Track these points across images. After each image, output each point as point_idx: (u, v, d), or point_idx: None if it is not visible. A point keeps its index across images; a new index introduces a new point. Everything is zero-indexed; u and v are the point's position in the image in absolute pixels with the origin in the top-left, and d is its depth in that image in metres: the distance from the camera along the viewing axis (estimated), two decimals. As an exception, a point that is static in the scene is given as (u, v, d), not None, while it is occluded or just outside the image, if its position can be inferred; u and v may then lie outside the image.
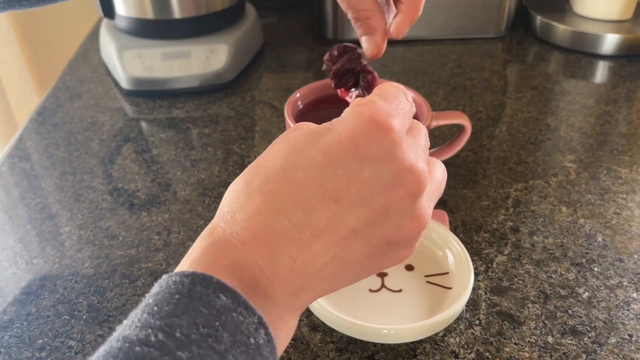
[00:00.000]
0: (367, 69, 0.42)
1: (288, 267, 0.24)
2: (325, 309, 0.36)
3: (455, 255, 0.40)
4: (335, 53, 0.42)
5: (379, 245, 0.26)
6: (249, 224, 0.24)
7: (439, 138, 0.60)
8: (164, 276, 0.23)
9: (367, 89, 0.41)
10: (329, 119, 0.27)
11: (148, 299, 0.22)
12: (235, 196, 0.26)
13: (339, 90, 0.43)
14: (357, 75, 0.42)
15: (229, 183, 0.53)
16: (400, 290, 0.39)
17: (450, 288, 0.38)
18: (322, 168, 0.25)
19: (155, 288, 0.22)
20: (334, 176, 0.25)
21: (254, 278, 0.24)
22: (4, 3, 0.39)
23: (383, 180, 0.26)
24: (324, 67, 0.43)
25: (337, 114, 0.28)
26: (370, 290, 0.39)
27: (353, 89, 0.42)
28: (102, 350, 0.20)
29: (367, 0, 0.38)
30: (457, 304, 0.36)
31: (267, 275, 0.24)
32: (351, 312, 0.36)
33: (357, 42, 0.41)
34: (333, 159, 0.25)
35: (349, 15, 0.39)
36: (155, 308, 0.21)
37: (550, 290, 0.41)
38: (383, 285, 0.39)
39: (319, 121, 0.53)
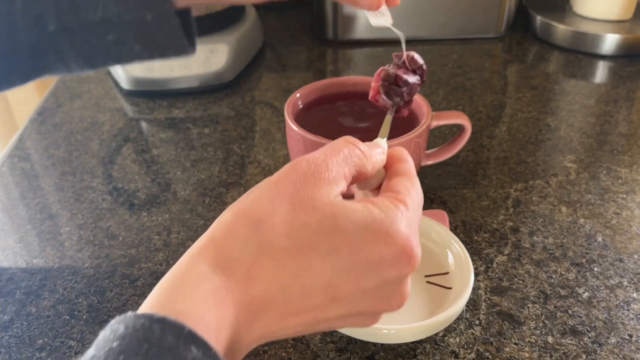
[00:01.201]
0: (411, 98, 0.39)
1: (260, 333, 0.25)
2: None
3: (455, 255, 0.40)
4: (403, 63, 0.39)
5: (352, 316, 0.27)
6: (248, 287, 0.24)
7: (439, 138, 0.60)
8: (130, 314, 0.21)
9: (403, 106, 0.39)
10: (328, 118, 0.26)
11: (112, 340, 0.20)
12: (243, 243, 0.24)
13: (371, 89, 0.40)
14: (401, 92, 0.38)
15: (229, 183, 0.53)
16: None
17: (450, 288, 0.38)
18: (338, 269, 0.25)
19: (121, 328, 0.21)
20: (345, 280, 0.25)
21: (228, 336, 0.23)
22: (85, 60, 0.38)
23: (386, 285, 0.26)
24: (390, 67, 0.39)
25: (337, 113, 0.28)
26: None
27: (386, 98, 0.38)
28: None
29: None
30: (457, 304, 0.36)
31: (240, 337, 0.24)
32: None
33: (357, 43, 0.41)
34: (353, 267, 0.25)
35: None
36: (122, 357, 0.20)
37: (550, 290, 0.41)
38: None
39: (319, 121, 0.53)
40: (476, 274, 0.42)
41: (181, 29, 0.37)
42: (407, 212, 0.26)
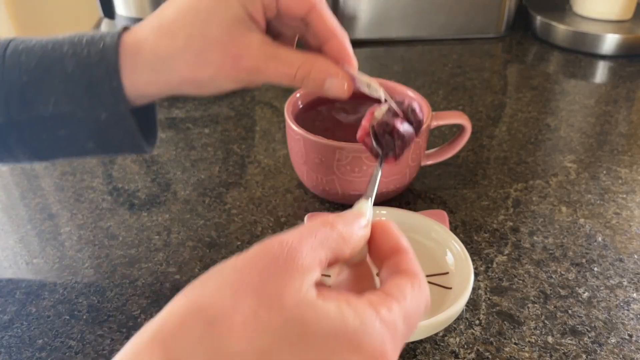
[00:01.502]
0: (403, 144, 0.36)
1: None
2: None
3: (455, 255, 0.40)
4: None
5: None
6: None
7: (439, 138, 0.60)
8: None
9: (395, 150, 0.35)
10: (328, 118, 0.26)
11: None
12: (195, 344, 0.20)
13: (361, 128, 0.36)
14: (392, 139, 0.35)
15: (229, 183, 0.53)
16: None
17: (450, 288, 0.38)
18: None
19: None
20: None
21: None
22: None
23: None
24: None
25: (337, 113, 0.28)
26: None
27: (376, 145, 0.35)
28: None
29: (296, 56, 0.34)
30: (457, 304, 0.36)
31: None
32: None
33: (357, 43, 0.41)
34: None
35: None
36: None
37: (550, 290, 0.41)
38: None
39: (318, 120, 0.53)
40: (476, 274, 0.42)
41: (137, 128, 0.35)
42: (390, 319, 0.22)
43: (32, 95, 0.33)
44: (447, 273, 0.40)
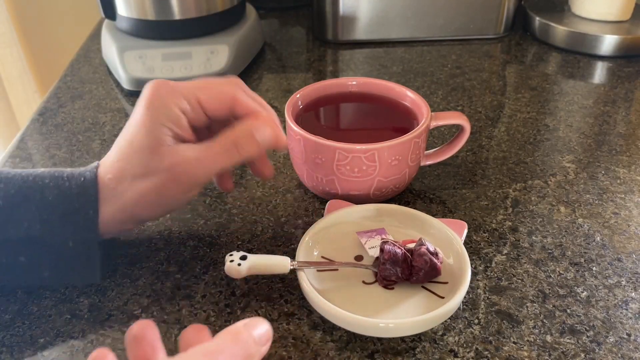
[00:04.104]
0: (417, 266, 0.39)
1: None
2: (325, 304, 0.36)
3: (453, 254, 0.40)
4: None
5: None
6: None
7: (438, 138, 0.60)
8: None
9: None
10: (328, 118, 0.27)
11: None
12: None
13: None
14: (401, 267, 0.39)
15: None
16: (392, 288, 0.39)
17: (443, 297, 0.38)
18: None
19: None
20: None
21: None
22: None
23: None
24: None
25: (337, 113, 0.29)
26: (364, 283, 0.40)
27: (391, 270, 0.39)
28: None
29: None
30: (455, 297, 0.36)
31: None
32: (346, 305, 0.36)
33: (357, 43, 0.41)
34: None
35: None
36: None
37: (549, 289, 0.41)
38: (377, 280, 0.40)
39: (319, 121, 0.53)
40: (475, 274, 0.42)
41: (99, 258, 0.38)
42: None
43: (4, 219, 0.36)
44: (446, 283, 0.39)
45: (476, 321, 0.39)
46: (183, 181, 0.38)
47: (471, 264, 0.40)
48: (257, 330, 0.28)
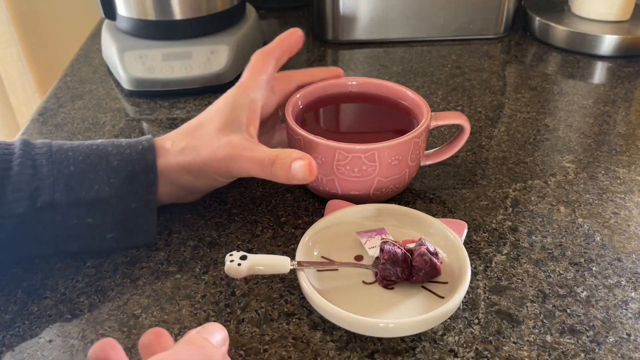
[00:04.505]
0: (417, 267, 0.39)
1: None
2: (325, 304, 0.36)
3: (453, 253, 0.40)
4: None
5: None
6: None
7: (438, 138, 0.60)
8: None
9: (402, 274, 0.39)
10: (328, 118, 0.27)
11: None
12: None
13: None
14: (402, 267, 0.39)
15: (230, 183, 0.53)
16: (392, 288, 0.39)
17: (443, 297, 0.38)
18: None
19: None
20: None
21: None
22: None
23: None
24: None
25: (337, 113, 0.29)
26: (364, 282, 0.40)
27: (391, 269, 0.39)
28: None
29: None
30: (456, 297, 0.36)
31: None
32: (346, 305, 0.36)
33: (357, 44, 0.41)
34: None
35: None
36: None
37: (549, 289, 0.41)
38: (377, 280, 0.40)
39: (319, 121, 0.53)
40: (475, 274, 0.42)
41: (156, 219, 0.44)
42: None
43: (76, 183, 0.41)
44: (446, 283, 0.39)
45: (476, 321, 0.39)
46: (221, 166, 0.42)
47: (471, 264, 0.40)
48: (211, 335, 0.29)
